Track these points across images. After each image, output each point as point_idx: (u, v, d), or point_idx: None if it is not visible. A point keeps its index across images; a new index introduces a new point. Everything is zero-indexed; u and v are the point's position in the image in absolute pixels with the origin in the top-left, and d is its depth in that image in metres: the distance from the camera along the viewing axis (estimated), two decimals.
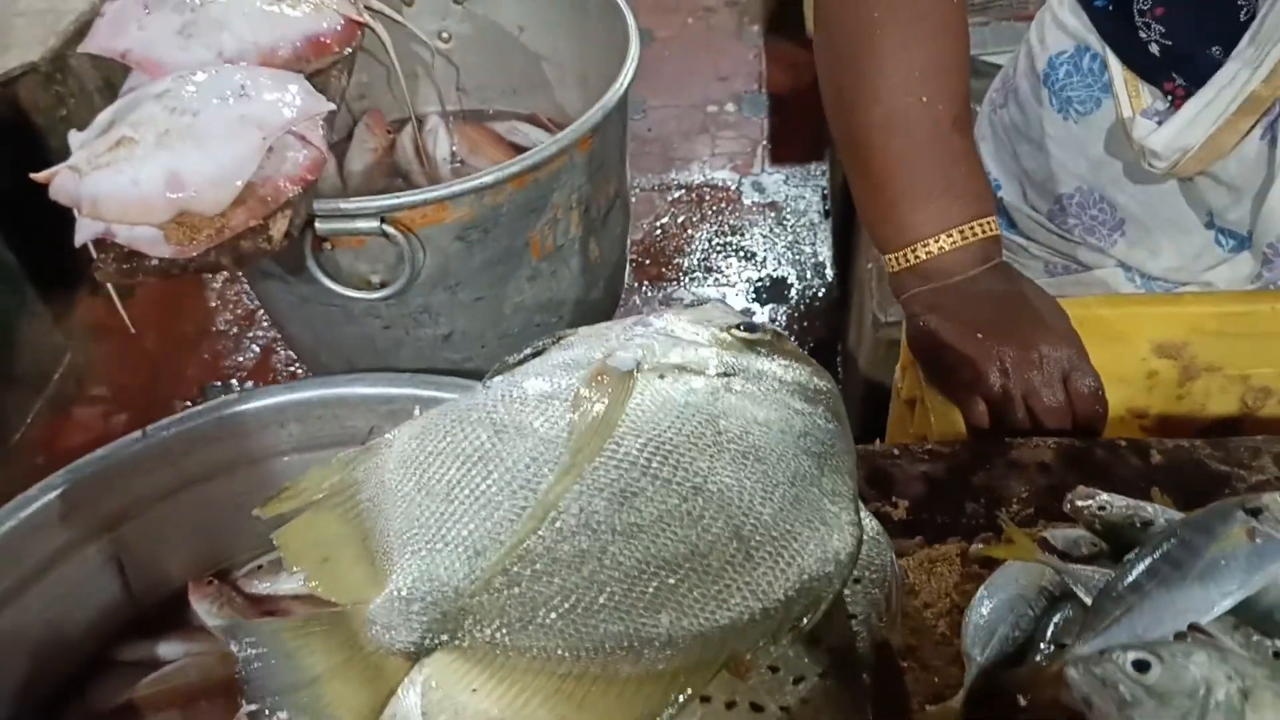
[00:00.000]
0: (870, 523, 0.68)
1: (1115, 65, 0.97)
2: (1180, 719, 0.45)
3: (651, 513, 0.59)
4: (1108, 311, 0.94)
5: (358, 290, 1.25)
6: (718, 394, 0.64)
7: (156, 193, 1.06)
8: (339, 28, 1.27)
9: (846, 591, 0.64)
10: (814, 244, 2.70)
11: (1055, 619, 0.62)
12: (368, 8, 1.36)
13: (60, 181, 1.10)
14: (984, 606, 0.64)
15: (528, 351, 0.72)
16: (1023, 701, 0.60)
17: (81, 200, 1.09)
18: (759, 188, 2.87)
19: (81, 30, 2.55)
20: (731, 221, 2.77)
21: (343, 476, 0.66)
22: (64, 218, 2.82)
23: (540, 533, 0.59)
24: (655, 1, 3.60)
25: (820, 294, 2.56)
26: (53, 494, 1.14)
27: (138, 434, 1.19)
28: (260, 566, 1.31)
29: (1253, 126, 0.89)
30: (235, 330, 2.60)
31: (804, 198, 2.84)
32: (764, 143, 3.04)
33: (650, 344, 0.69)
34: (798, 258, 2.66)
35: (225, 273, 2.74)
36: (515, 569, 0.58)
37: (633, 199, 1.82)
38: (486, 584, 0.58)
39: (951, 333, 0.85)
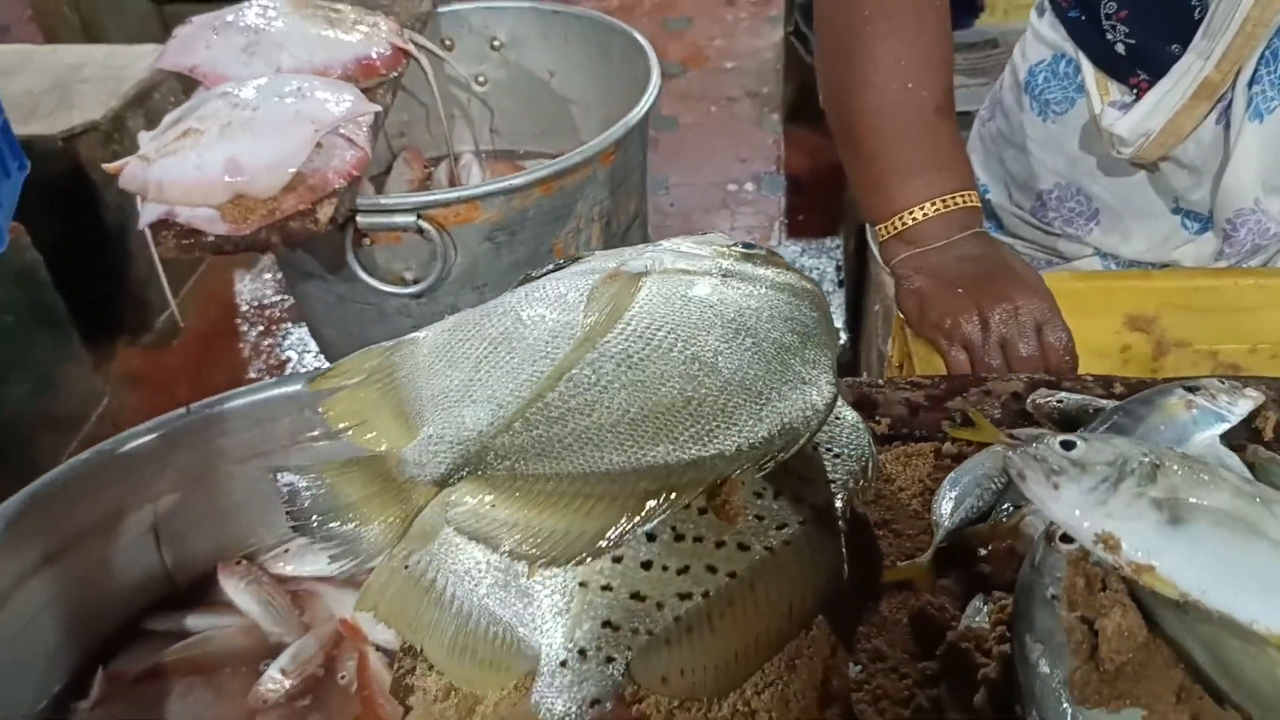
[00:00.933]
0: (851, 414, 0.75)
1: (1087, 66, 1.07)
2: (1099, 482, 0.52)
3: (653, 373, 0.67)
4: (1081, 285, 1.02)
5: (392, 286, 1.34)
6: (716, 287, 0.73)
7: (216, 177, 1.17)
8: (387, 53, 1.39)
9: (827, 464, 0.71)
10: (831, 310, 2.79)
11: (1015, 492, 0.69)
12: (414, 43, 1.49)
13: (130, 170, 1.21)
14: (952, 485, 0.71)
15: (549, 267, 0.81)
16: (983, 552, 0.66)
17: (148, 185, 1.19)
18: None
19: (140, 95, 2.73)
20: None
21: (381, 360, 0.74)
22: (111, 271, 2.95)
23: (557, 389, 0.67)
24: (682, 90, 3.78)
25: None
26: (100, 459, 1.23)
27: (183, 410, 1.28)
28: (286, 550, 1.38)
29: (1208, 113, 0.98)
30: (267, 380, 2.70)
31: (819, 268, 2.95)
32: (781, 219, 3.17)
33: (659, 256, 0.77)
34: None
35: (256, 327, 2.86)
36: (533, 416, 0.66)
37: None
38: (507, 427, 0.66)
39: (935, 289, 0.94)
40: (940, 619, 0.64)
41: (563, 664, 0.63)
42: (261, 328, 2.83)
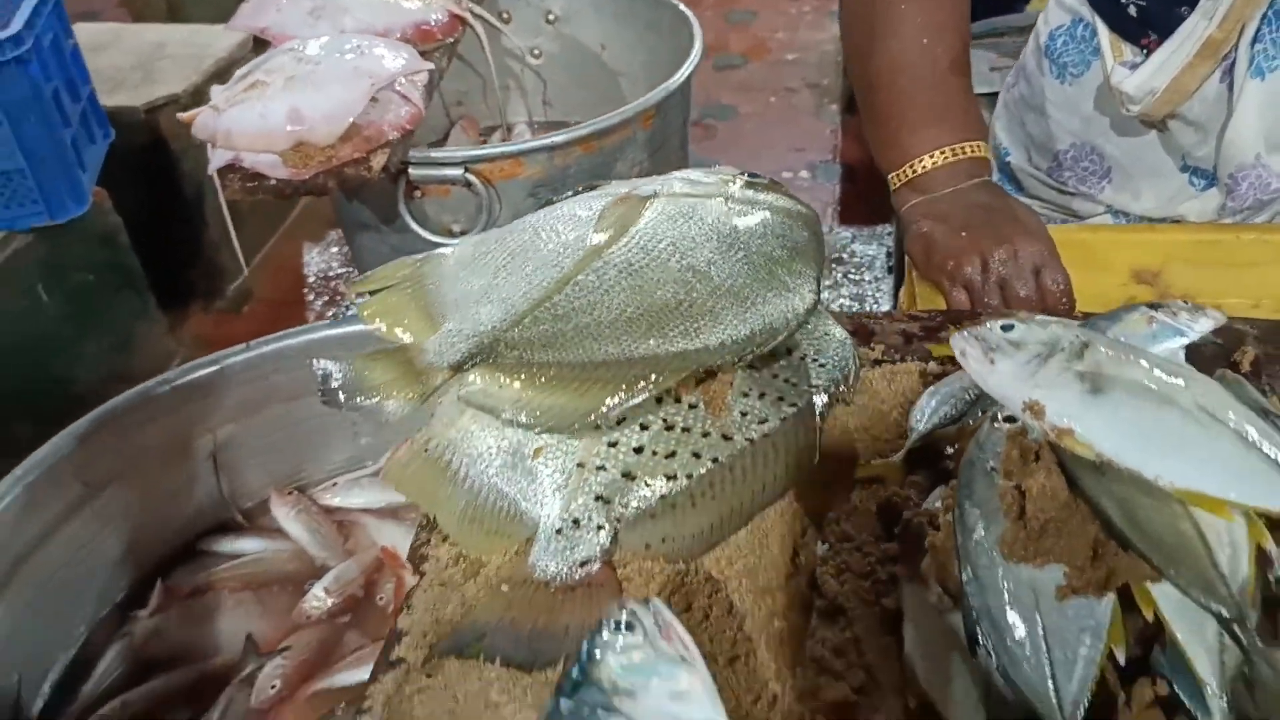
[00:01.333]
0: (840, 331, 0.81)
1: (1102, 29, 1.11)
2: (1031, 358, 0.57)
3: (650, 279, 0.74)
4: (1088, 236, 1.06)
5: (440, 236, 1.42)
6: (716, 208, 0.79)
7: (279, 125, 1.26)
8: (444, 20, 1.48)
9: (813, 372, 0.77)
10: (876, 295, 2.83)
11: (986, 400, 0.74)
12: (471, 12, 1.57)
13: (201, 119, 1.30)
14: (930, 397, 0.76)
15: (567, 194, 0.88)
16: (949, 450, 0.71)
17: (218, 133, 1.29)
18: (827, 243, 3.03)
19: (220, 70, 2.86)
20: None
21: (412, 269, 0.82)
22: (187, 238, 3.06)
23: (563, 291, 0.74)
24: (742, 80, 3.84)
25: None
26: (167, 387, 1.32)
27: (243, 345, 1.37)
28: (334, 484, 1.47)
29: (1213, 71, 1.02)
30: (322, 321, 2.81)
31: (870, 254, 2.99)
32: (834, 205, 3.20)
33: (668, 182, 0.83)
34: (861, 306, 2.79)
35: (322, 297, 2.97)
36: (541, 314, 0.73)
37: None
38: (517, 322, 0.73)
39: (941, 233, 0.99)
40: (904, 507, 0.69)
41: (558, 531, 0.70)
42: (326, 298, 2.95)
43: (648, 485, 0.71)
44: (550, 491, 0.72)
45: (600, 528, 0.70)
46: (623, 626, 0.45)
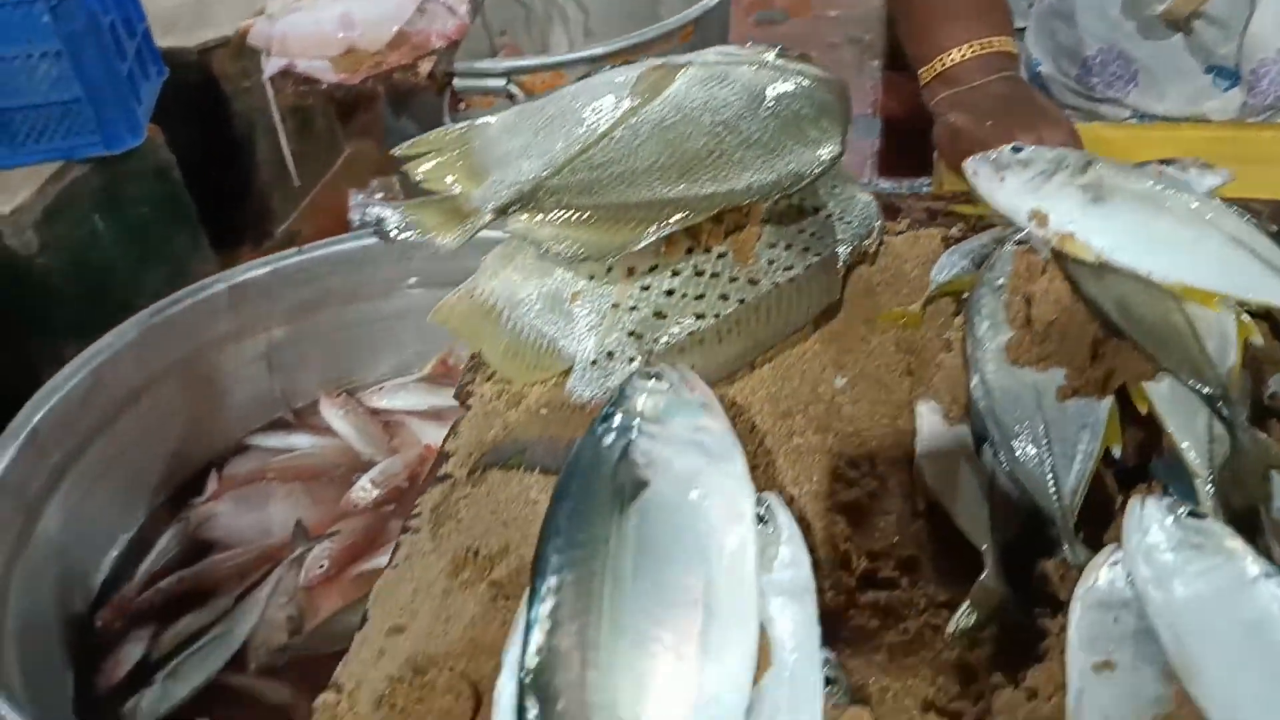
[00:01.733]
0: (866, 195, 0.85)
1: None
2: (1037, 174, 0.61)
3: (681, 132, 0.78)
4: (1111, 133, 1.09)
5: None
6: (747, 72, 0.83)
7: (331, 31, 1.31)
8: None
9: (838, 229, 0.82)
10: None
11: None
12: None
13: (258, 27, 1.36)
14: (950, 254, 0.80)
15: (606, 67, 0.92)
16: (965, 295, 0.75)
17: (273, 40, 1.34)
18: None
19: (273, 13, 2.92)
20: None
21: (458, 135, 0.86)
22: (237, 180, 3.12)
23: (599, 144, 0.78)
24: (782, 35, 3.85)
25: None
26: (223, 285, 1.39)
27: (295, 250, 1.43)
28: (381, 388, 1.53)
29: None
30: None
31: None
32: (873, 158, 3.22)
33: (702, 54, 0.88)
34: None
35: None
36: (578, 164, 0.78)
37: None
38: (556, 172, 0.77)
39: (967, 123, 1.02)
40: (921, 344, 0.73)
41: (593, 363, 0.75)
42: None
43: (678, 323, 0.75)
44: (586, 330, 0.77)
45: (631, 359, 0.75)
46: (651, 375, 0.50)
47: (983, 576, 0.57)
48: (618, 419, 0.49)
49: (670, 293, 0.77)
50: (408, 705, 0.56)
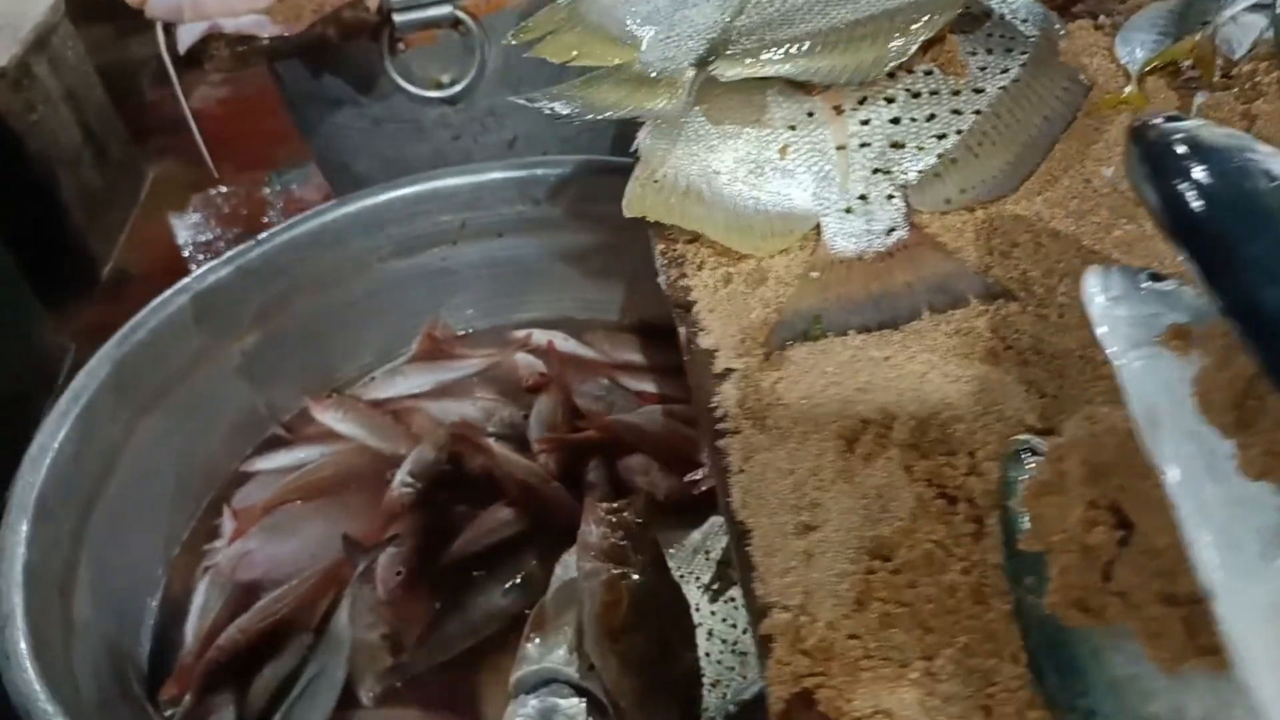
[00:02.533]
0: None
1: None
2: None
3: None
4: None
5: (431, 90, 1.34)
6: None
7: None
8: None
9: (1018, 25, 0.76)
10: None
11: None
12: None
13: None
14: (1128, 30, 0.76)
15: None
16: (1186, 64, 0.71)
17: (183, 6, 1.16)
18: None
19: (41, 39, 2.60)
20: None
21: (568, 9, 0.75)
22: (46, 226, 2.78)
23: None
24: None
25: None
26: (185, 297, 1.20)
27: (252, 241, 1.26)
28: (371, 378, 1.38)
29: None
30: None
31: None
32: None
33: None
34: None
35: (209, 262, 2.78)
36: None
37: None
38: (740, 11, 0.68)
39: None
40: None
41: (847, 210, 0.67)
42: (211, 257, 2.75)
43: (920, 149, 0.68)
44: (816, 182, 0.68)
45: (890, 196, 0.67)
46: None
47: None
48: None
49: (896, 120, 0.69)
50: (897, 593, 0.48)
